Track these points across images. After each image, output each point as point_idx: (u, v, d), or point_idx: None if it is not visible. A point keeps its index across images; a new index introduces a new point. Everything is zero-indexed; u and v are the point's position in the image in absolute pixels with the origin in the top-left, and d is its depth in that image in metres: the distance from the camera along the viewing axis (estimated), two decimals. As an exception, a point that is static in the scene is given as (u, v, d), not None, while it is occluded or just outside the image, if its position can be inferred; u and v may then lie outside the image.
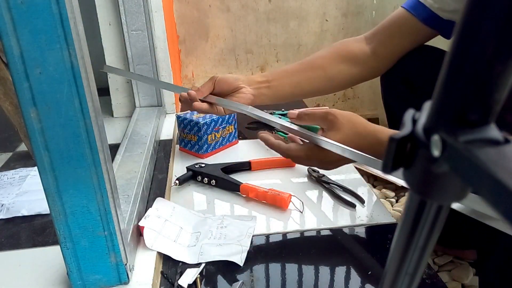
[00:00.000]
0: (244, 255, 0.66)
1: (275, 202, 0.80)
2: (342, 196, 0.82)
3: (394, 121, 0.93)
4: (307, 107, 1.32)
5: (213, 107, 0.78)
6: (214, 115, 1.02)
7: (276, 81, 0.82)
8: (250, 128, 1.22)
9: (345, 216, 0.77)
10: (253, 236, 0.70)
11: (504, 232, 0.49)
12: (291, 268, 0.65)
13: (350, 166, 0.97)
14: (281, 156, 0.69)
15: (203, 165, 0.92)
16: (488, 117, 0.21)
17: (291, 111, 0.70)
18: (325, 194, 0.85)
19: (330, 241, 0.71)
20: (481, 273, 0.71)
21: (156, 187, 0.83)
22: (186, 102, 0.77)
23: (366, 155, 0.57)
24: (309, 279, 0.63)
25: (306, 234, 0.73)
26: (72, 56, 0.43)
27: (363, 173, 1.04)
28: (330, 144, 0.61)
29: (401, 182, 1.10)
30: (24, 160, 1.02)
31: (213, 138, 1.02)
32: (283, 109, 1.30)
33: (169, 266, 0.65)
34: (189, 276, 0.62)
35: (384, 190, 1.24)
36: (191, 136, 1.01)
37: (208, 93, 0.78)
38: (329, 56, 0.86)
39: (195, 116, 1.02)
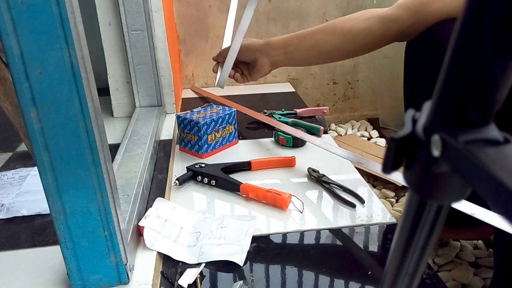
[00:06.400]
0: (244, 255, 0.66)
1: (275, 202, 0.80)
2: (342, 196, 0.82)
3: (411, 91, 0.90)
4: (306, 106, 1.32)
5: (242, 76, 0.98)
6: (214, 115, 1.02)
7: (293, 46, 0.89)
8: (250, 128, 1.22)
9: (345, 216, 0.77)
10: (253, 236, 0.71)
11: None
12: (291, 268, 0.65)
13: (350, 166, 0.97)
14: None
15: (203, 165, 0.92)
16: (488, 117, 0.21)
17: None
18: (325, 194, 0.85)
19: (330, 241, 0.72)
20: (496, 244, 0.69)
21: (156, 187, 0.83)
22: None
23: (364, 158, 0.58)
24: (309, 279, 0.63)
25: (306, 234, 0.73)
26: (72, 56, 0.43)
27: (363, 173, 1.04)
28: (331, 146, 0.61)
29: (401, 182, 1.10)
30: (24, 160, 1.01)
31: (213, 138, 1.02)
32: (283, 109, 1.31)
33: (169, 266, 0.65)
34: (189, 276, 0.62)
35: (384, 190, 1.24)
36: (191, 136, 1.01)
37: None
38: (352, 17, 0.86)
39: (195, 116, 1.02)
